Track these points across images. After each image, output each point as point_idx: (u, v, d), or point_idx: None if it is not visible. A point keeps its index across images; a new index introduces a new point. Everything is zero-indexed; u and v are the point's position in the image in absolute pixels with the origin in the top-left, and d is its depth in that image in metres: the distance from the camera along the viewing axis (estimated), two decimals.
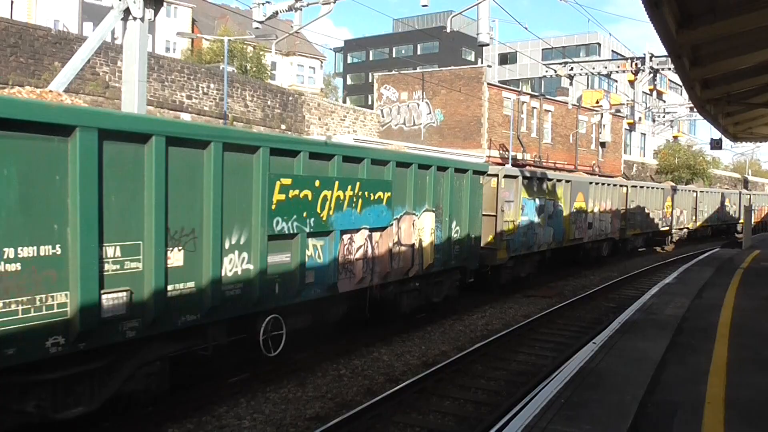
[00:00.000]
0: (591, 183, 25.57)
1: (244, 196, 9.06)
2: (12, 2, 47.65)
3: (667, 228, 35.60)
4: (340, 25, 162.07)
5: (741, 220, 43.37)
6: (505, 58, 74.68)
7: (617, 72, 41.33)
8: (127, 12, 14.26)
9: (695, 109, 27.46)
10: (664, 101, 72.25)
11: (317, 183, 10.35)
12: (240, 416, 8.78)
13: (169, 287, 7.94)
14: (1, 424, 6.77)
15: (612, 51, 69.80)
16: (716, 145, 36.26)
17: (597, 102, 57.05)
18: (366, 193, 11.55)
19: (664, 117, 61.73)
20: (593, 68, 39.53)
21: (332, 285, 10.95)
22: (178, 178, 7.98)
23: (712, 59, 15.57)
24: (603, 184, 27.03)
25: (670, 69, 30.32)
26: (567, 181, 23.00)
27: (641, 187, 31.75)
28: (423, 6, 15.63)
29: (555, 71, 37.03)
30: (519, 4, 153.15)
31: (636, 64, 35.55)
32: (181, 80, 31.92)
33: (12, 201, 6.37)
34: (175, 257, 8.02)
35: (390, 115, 46.23)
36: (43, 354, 6.68)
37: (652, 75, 36.65)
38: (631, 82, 63.29)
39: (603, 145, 54.56)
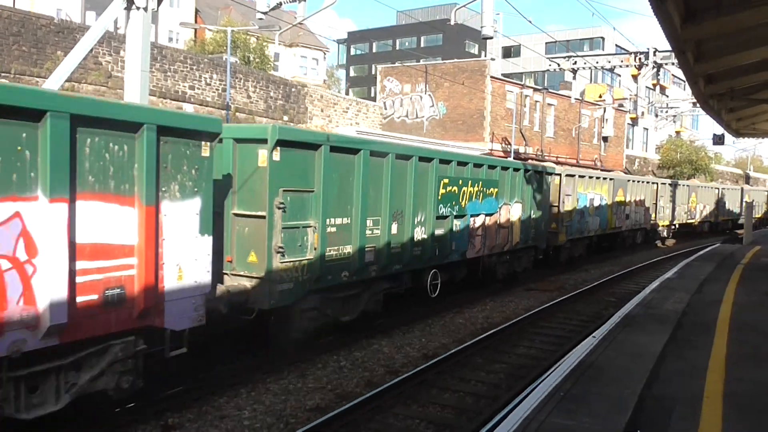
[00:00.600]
0: (629, 180, 30.31)
1: (425, 190, 13.92)
2: None
3: (692, 220, 40.41)
4: (343, 17, 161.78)
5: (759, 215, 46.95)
6: (509, 52, 74.50)
7: (621, 66, 41.25)
8: (130, 2, 14.23)
9: (698, 105, 27.43)
10: (667, 96, 72.08)
11: (460, 182, 15.13)
12: (240, 407, 8.83)
13: (391, 246, 12.80)
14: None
15: (616, 45, 69.55)
16: (718, 140, 36.28)
17: (600, 96, 56.92)
18: (484, 188, 16.31)
19: (666, 112, 61.59)
20: (597, 62, 39.45)
21: (463, 252, 15.74)
22: (396, 179, 12.83)
23: (716, 55, 15.54)
24: (638, 181, 31.52)
25: (673, 64, 30.25)
26: (611, 179, 27.63)
27: (669, 184, 36.62)
28: None
29: (558, 65, 36.98)
30: None
31: (639, 59, 35.48)
32: (183, 71, 31.89)
33: (333, 193, 11.20)
34: (394, 228, 12.91)
35: (393, 108, 46.19)
36: (339, 281, 11.57)
37: (655, 70, 36.63)
38: (635, 77, 63.11)
39: (605, 139, 54.51)
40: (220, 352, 10.49)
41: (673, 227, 37.30)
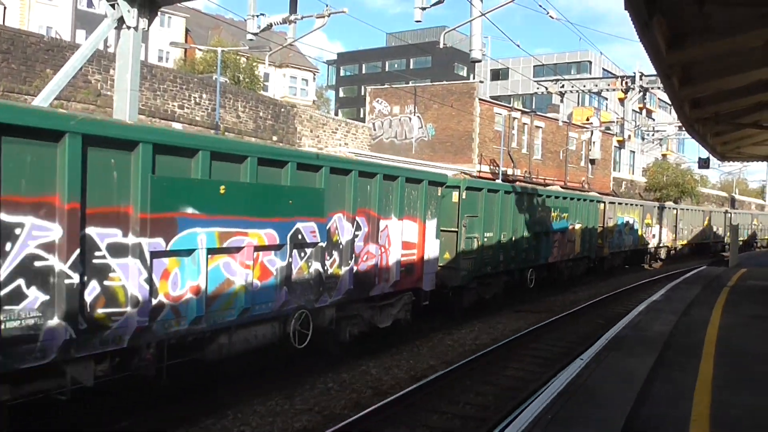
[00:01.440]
0: (655, 207, 36.56)
1: (533, 214, 20.79)
2: (5, 8, 47.59)
3: (707, 241, 45.77)
4: (333, 40, 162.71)
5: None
6: (497, 74, 75.13)
7: (607, 90, 41.64)
8: (121, 21, 14.27)
9: (684, 128, 27.70)
10: (654, 119, 72.74)
11: (551, 209, 22.08)
12: (227, 429, 8.75)
13: (511, 251, 19.27)
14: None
15: (603, 69, 70.28)
16: (704, 164, 36.60)
17: (587, 119, 57.42)
18: (562, 213, 23.02)
19: (653, 135, 62.10)
20: (584, 86, 39.80)
21: (547, 258, 22.16)
22: (515, 208, 19.37)
23: (701, 79, 15.72)
24: (663, 207, 37.75)
25: (659, 88, 30.56)
26: (640, 205, 34.29)
27: (688, 209, 43.00)
28: (416, 21, 15.70)
29: (546, 88, 37.29)
30: (511, 21, 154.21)
31: (626, 83, 35.85)
32: (173, 90, 31.92)
33: (486, 217, 17.70)
34: (514, 239, 19.21)
35: (382, 129, 46.36)
36: (486, 272, 18.18)
37: (641, 94, 36.99)
38: (621, 100, 63.59)
39: (593, 162, 54.87)
40: (205, 375, 10.41)
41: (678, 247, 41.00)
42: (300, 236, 10.14)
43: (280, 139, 37.39)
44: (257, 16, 16.17)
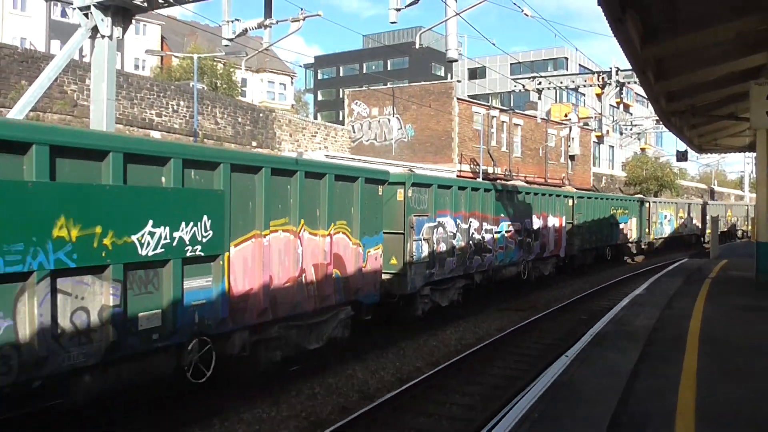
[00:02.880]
0: (687, 204, 47.70)
1: (617, 211, 32.36)
2: None
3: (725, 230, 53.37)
4: (311, 43, 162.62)
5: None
6: (475, 73, 75.38)
7: (584, 86, 42.00)
8: (95, 30, 14.16)
9: (661, 122, 27.98)
10: (631, 114, 73.37)
11: (620, 209, 32.84)
12: None
13: (586, 236, 28.19)
14: None
15: (579, 65, 70.82)
16: (682, 156, 36.99)
17: (565, 115, 57.75)
18: (624, 210, 33.26)
19: (631, 129, 62.67)
20: (561, 82, 40.06)
21: (617, 239, 32.34)
22: (597, 209, 29.71)
23: (675, 73, 15.87)
24: (689, 203, 48.50)
25: (635, 82, 30.82)
26: (675, 203, 45.34)
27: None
28: (392, 23, 15.70)
29: (523, 86, 37.54)
30: (486, 20, 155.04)
31: (603, 78, 36.17)
32: (150, 98, 31.71)
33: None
34: (594, 228, 29.53)
35: (361, 131, 46.35)
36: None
37: (618, 88, 37.32)
38: (599, 96, 63.93)
39: (572, 158, 55.21)
40: (190, 382, 10.33)
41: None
42: None
43: (260, 144, 37.27)
44: (232, 21, 16.09)
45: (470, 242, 17.34)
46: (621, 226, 32.48)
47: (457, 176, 35.72)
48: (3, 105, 24.64)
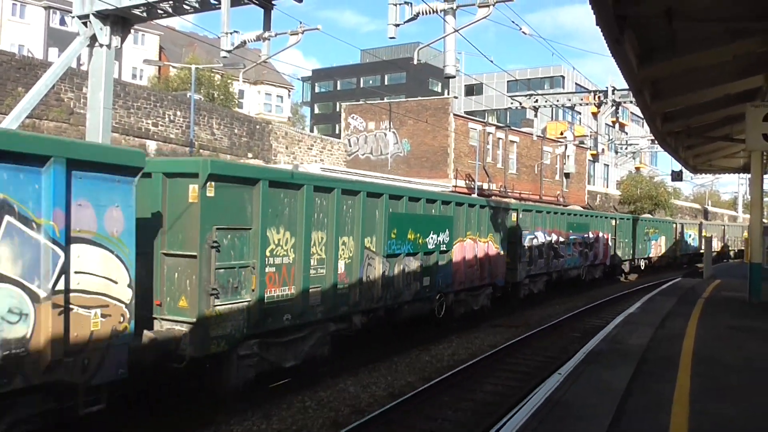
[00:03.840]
0: (701, 223, 53.35)
1: (643, 232, 38.55)
2: None
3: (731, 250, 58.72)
4: (309, 57, 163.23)
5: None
6: (471, 90, 75.66)
7: (581, 104, 42.15)
8: (93, 38, 14.17)
9: (656, 142, 28.11)
10: (627, 133, 73.72)
11: (652, 228, 40.17)
12: None
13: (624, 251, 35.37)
14: None
15: (576, 84, 71.11)
16: (677, 176, 37.14)
17: (561, 133, 57.93)
18: (657, 229, 40.91)
19: (626, 149, 62.94)
20: (557, 100, 40.22)
21: (650, 255, 39.71)
22: (633, 228, 36.50)
23: (671, 94, 15.94)
24: (709, 223, 54.86)
25: (631, 102, 30.94)
26: (699, 223, 51.38)
27: (712, 224, 57.60)
28: (390, 38, 15.75)
29: (520, 103, 37.63)
30: (485, 37, 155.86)
31: (599, 97, 36.29)
32: (147, 107, 31.72)
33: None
34: (635, 245, 36.81)
35: (357, 145, 46.41)
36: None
37: (614, 108, 37.45)
38: (595, 115, 64.35)
39: (567, 175, 55.37)
40: (179, 391, 10.27)
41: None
42: None
43: (256, 155, 37.28)
44: (231, 33, 16.10)
45: (551, 250, 23.85)
46: (652, 242, 39.60)
47: (452, 191, 35.73)
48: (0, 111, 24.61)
